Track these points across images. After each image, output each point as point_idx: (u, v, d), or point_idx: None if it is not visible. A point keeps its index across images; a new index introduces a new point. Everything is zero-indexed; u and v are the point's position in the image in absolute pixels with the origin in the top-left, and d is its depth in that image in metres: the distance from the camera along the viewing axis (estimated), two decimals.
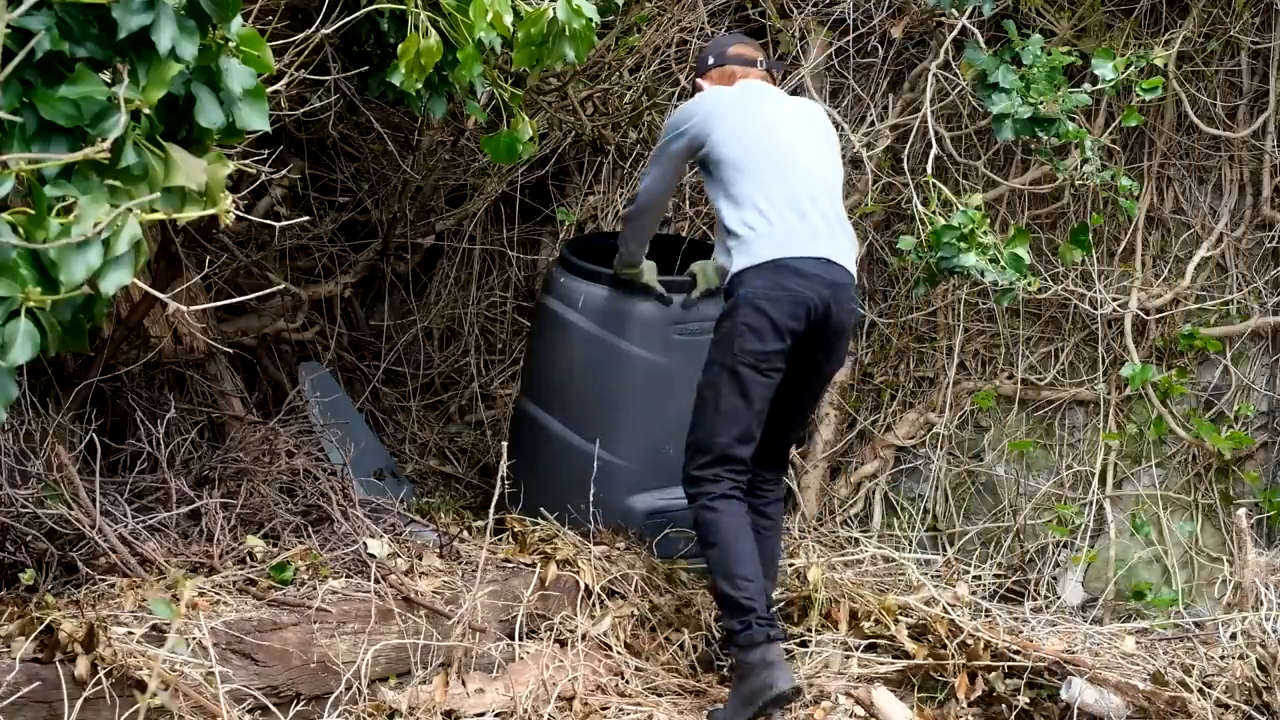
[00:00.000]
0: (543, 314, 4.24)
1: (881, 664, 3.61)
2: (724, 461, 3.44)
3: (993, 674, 3.52)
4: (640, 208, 3.83)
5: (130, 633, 2.80)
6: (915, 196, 4.14)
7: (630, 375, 4.04)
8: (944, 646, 3.59)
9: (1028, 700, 3.45)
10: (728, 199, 3.52)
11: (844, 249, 3.52)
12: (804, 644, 3.70)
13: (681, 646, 3.67)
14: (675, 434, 3.65)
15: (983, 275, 3.89)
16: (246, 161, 2.82)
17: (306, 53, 3.13)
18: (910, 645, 3.62)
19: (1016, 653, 3.54)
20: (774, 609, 3.47)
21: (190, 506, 3.51)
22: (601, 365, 4.07)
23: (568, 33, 3.04)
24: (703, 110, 3.62)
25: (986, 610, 3.93)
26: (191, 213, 2.11)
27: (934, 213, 4.00)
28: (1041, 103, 3.99)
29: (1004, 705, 3.48)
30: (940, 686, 3.55)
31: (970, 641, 3.56)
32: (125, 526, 3.28)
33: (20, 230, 1.90)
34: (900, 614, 3.73)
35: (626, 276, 4.00)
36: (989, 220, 4.02)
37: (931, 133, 4.30)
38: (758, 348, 3.39)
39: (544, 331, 4.23)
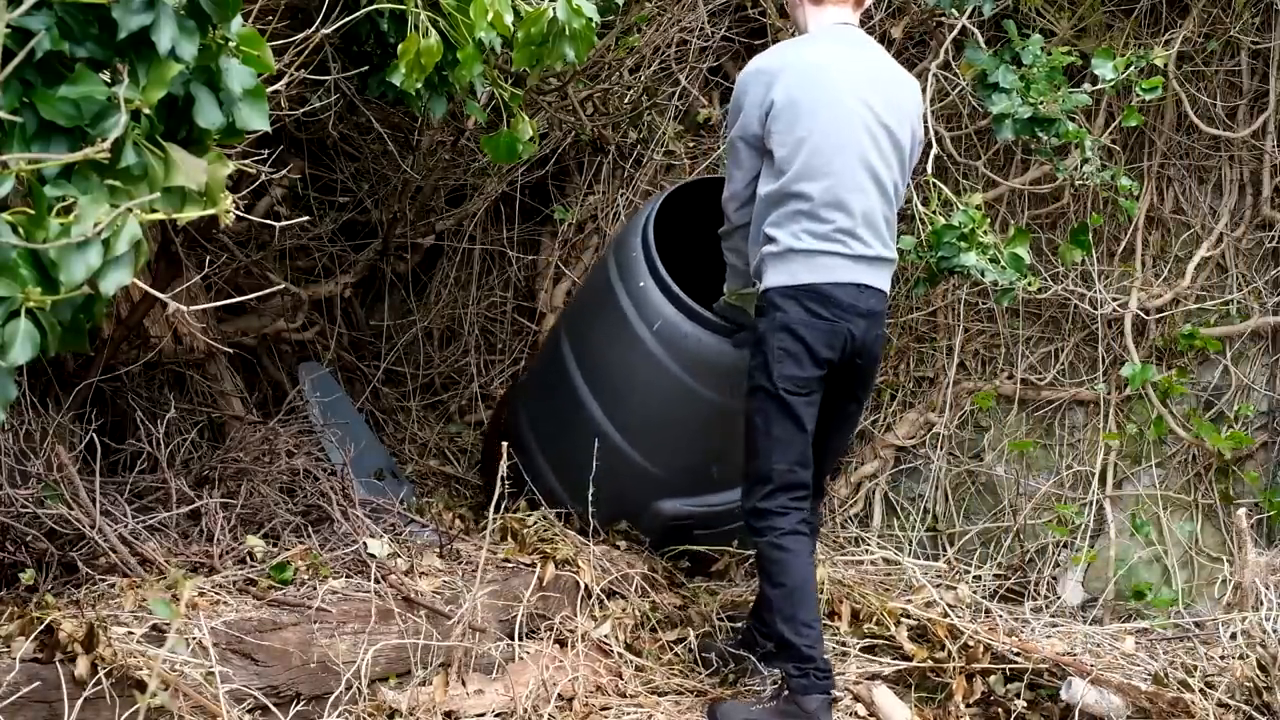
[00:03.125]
0: (609, 299, 3.85)
1: (882, 664, 3.61)
2: (787, 489, 3.28)
3: (992, 676, 3.52)
4: (733, 225, 3.49)
5: (130, 633, 2.80)
6: (915, 196, 4.14)
7: (693, 415, 3.80)
8: (944, 648, 3.59)
9: (1028, 701, 3.45)
10: (772, 200, 3.29)
11: (883, 273, 3.34)
12: None
13: (676, 644, 3.66)
14: (722, 457, 3.61)
15: (983, 275, 3.88)
16: (246, 161, 2.82)
17: (306, 53, 3.13)
18: (910, 646, 3.62)
19: (1017, 654, 3.54)
20: (829, 656, 3.36)
21: (190, 506, 3.51)
22: (665, 396, 3.79)
23: (568, 33, 3.04)
24: (758, 94, 3.30)
25: (987, 610, 3.93)
26: (191, 213, 2.11)
27: (934, 212, 4.00)
28: (1041, 103, 3.99)
29: (1003, 707, 3.48)
30: (941, 687, 3.55)
31: (970, 643, 3.57)
32: (125, 526, 3.28)
33: (20, 230, 1.90)
34: (901, 616, 3.73)
35: (739, 303, 3.64)
36: (989, 220, 4.02)
37: (932, 132, 4.30)
38: (796, 373, 3.25)
39: (606, 319, 3.88)
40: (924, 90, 4.43)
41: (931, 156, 4.24)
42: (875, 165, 3.31)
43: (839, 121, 3.28)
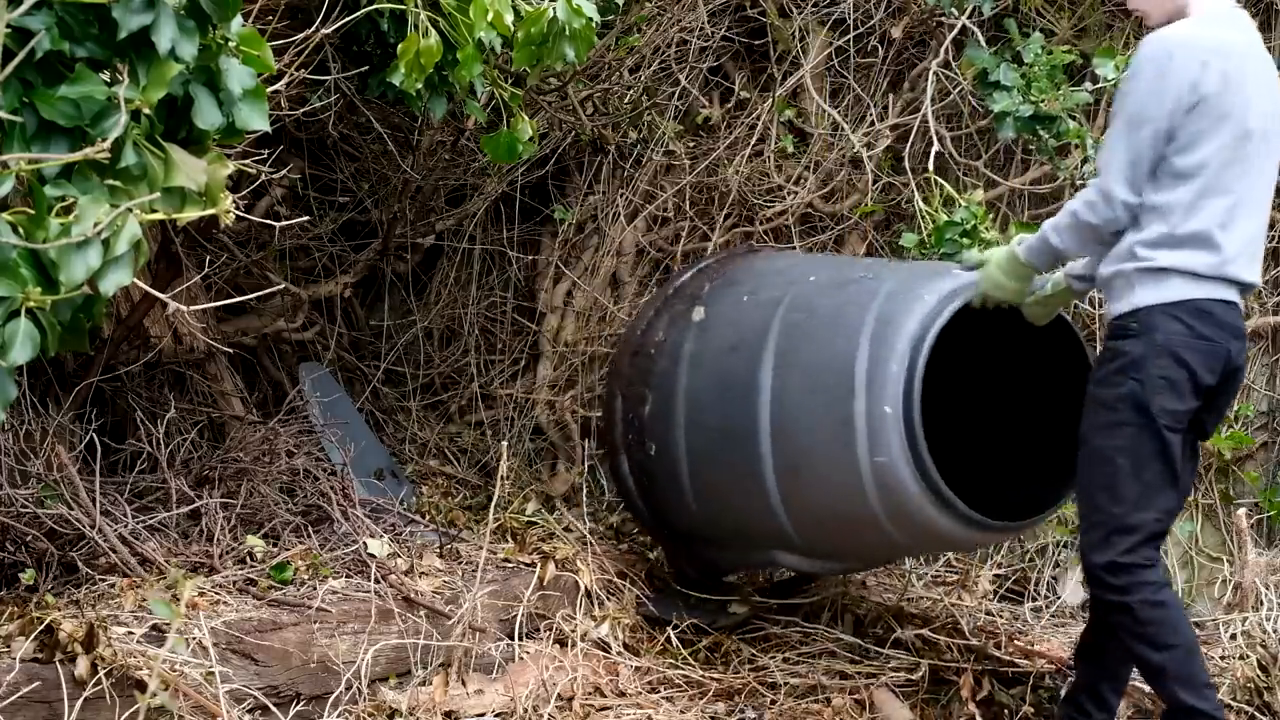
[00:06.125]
0: (837, 393, 3.29)
1: (885, 664, 3.61)
2: (1153, 540, 2.86)
3: (994, 678, 3.52)
4: (1097, 219, 2.91)
5: (130, 633, 2.81)
6: (917, 194, 4.14)
7: (865, 538, 3.48)
8: (947, 649, 3.59)
9: (1029, 702, 3.45)
10: (1162, 210, 2.83)
11: (1250, 288, 2.96)
12: (808, 642, 3.70)
13: (671, 642, 3.66)
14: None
15: None
16: (246, 161, 2.82)
17: (306, 53, 3.13)
18: (914, 646, 3.62)
19: (1018, 655, 3.54)
20: None
21: (190, 506, 3.51)
22: (851, 514, 3.38)
23: (568, 32, 3.04)
24: (1180, 87, 2.79)
25: (988, 611, 3.93)
26: (191, 213, 2.11)
27: (936, 209, 4.00)
28: (1043, 100, 3.99)
29: (1005, 708, 3.47)
30: (944, 688, 3.55)
31: (973, 644, 3.57)
32: (125, 526, 3.28)
33: (20, 230, 1.90)
34: (905, 617, 3.73)
35: (1043, 304, 3.21)
36: (990, 219, 4.02)
37: (932, 132, 4.30)
38: (1176, 406, 2.81)
39: (826, 407, 3.34)
40: (924, 90, 4.44)
41: (933, 154, 4.24)
42: (1274, 155, 2.95)
43: (1250, 123, 2.87)
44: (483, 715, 3.21)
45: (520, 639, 3.44)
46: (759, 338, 3.51)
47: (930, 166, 4.16)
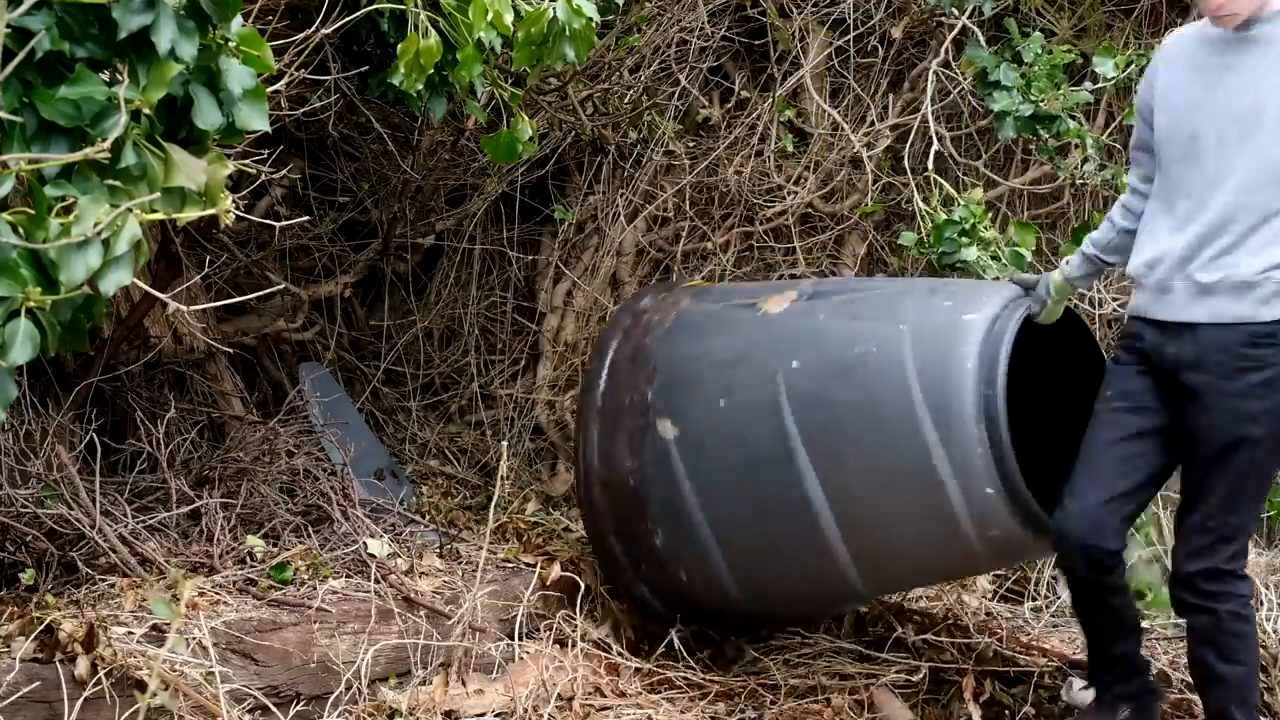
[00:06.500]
0: (904, 433, 3.09)
1: (886, 664, 3.61)
2: (1245, 551, 2.88)
3: (996, 678, 3.52)
4: None
5: (130, 633, 2.81)
6: (916, 194, 4.14)
7: (951, 561, 3.34)
8: (948, 648, 3.59)
9: (1030, 702, 3.45)
10: None
11: None
12: (809, 643, 3.70)
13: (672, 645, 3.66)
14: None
15: (984, 271, 3.89)
16: (246, 161, 2.82)
17: (306, 53, 3.13)
18: (915, 646, 3.62)
19: (1019, 655, 3.54)
20: None
21: (190, 506, 3.51)
22: (933, 548, 3.23)
23: (568, 32, 3.04)
24: None
25: (988, 611, 3.93)
26: (191, 213, 2.11)
27: (935, 209, 4.01)
28: (1043, 100, 3.99)
29: (1006, 708, 3.47)
30: (945, 688, 3.55)
31: (974, 644, 3.56)
32: (125, 526, 3.28)
33: (20, 230, 1.90)
34: (906, 617, 3.73)
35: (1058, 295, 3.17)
36: (990, 217, 4.02)
37: (932, 132, 4.30)
38: None
39: (890, 450, 3.13)
40: (924, 90, 4.44)
41: (932, 153, 4.24)
42: None
43: None
44: (483, 715, 3.21)
45: (520, 639, 3.43)
46: (779, 449, 3.22)
47: (930, 166, 4.15)
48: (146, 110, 2.04)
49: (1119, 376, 2.97)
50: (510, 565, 3.64)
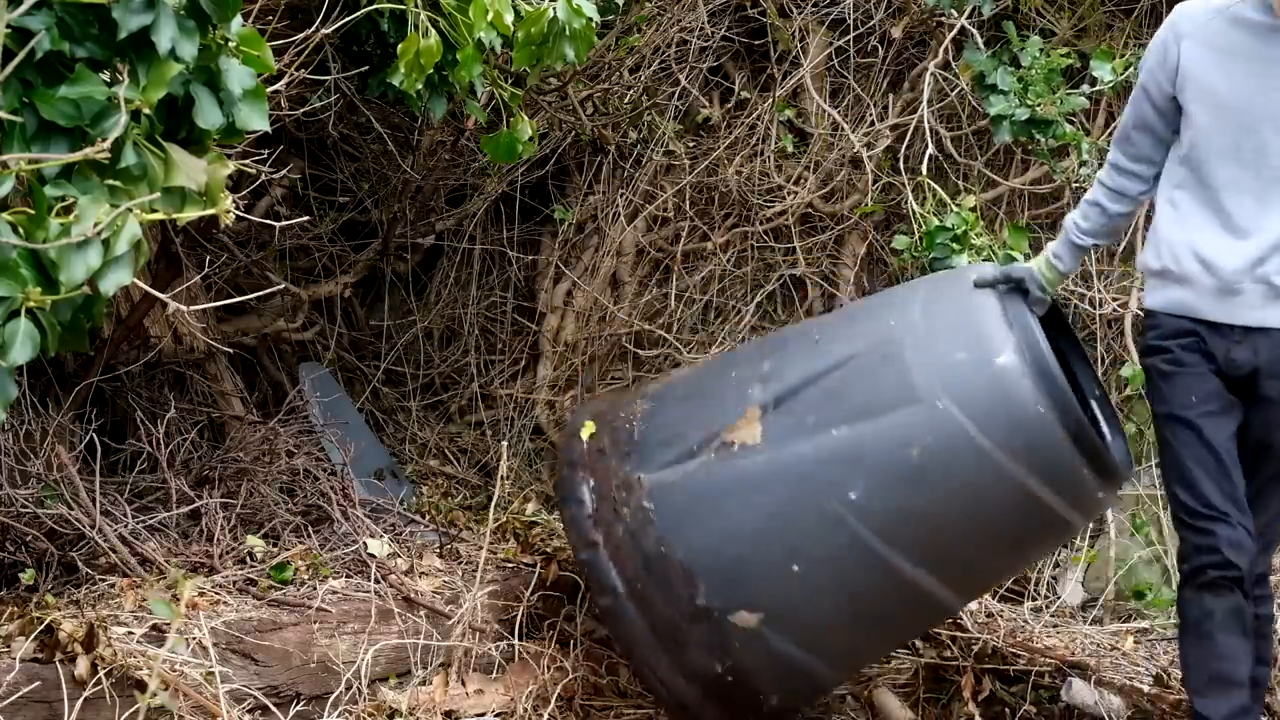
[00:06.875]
0: (999, 490, 2.87)
1: (885, 664, 3.61)
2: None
3: (995, 678, 3.52)
4: None
5: (130, 633, 2.81)
6: (911, 197, 4.15)
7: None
8: (948, 647, 3.59)
9: (1030, 702, 3.45)
10: None
11: None
12: None
13: None
14: None
15: None
16: (246, 161, 2.82)
17: (306, 53, 3.13)
18: (915, 645, 3.62)
19: (1019, 655, 3.54)
20: None
21: (190, 506, 3.52)
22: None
23: (568, 32, 3.04)
24: None
25: (988, 611, 3.93)
26: (191, 213, 2.11)
27: (929, 213, 4.01)
28: (1039, 105, 3.99)
29: (1006, 707, 3.48)
30: (944, 688, 3.55)
31: (974, 643, 3.56)
32: (125, 526, 3.28)
33: (20, 230, 1.90)
34: None
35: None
36: (989, 220, 4.03)
37: (930, 132, 4.30)
38: None
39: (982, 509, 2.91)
40: (923, 90, 4.44)
41: (927, 156, 4.24)
42: None
43: None
44: (483, 715, 3.21)
45: (520, 639, 3.43)
46: (888, 582, 2.94)
47: (924, 169, 4.15)
48: (146, 110, 2.04)
49: (1195, 379, 2.78)
50: (510, 565, 3.64)
